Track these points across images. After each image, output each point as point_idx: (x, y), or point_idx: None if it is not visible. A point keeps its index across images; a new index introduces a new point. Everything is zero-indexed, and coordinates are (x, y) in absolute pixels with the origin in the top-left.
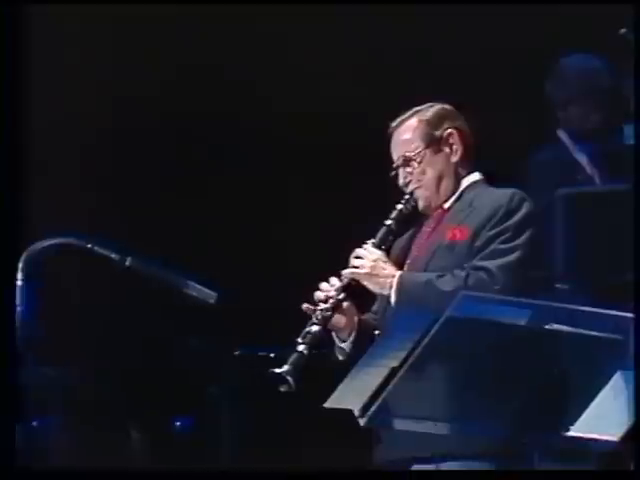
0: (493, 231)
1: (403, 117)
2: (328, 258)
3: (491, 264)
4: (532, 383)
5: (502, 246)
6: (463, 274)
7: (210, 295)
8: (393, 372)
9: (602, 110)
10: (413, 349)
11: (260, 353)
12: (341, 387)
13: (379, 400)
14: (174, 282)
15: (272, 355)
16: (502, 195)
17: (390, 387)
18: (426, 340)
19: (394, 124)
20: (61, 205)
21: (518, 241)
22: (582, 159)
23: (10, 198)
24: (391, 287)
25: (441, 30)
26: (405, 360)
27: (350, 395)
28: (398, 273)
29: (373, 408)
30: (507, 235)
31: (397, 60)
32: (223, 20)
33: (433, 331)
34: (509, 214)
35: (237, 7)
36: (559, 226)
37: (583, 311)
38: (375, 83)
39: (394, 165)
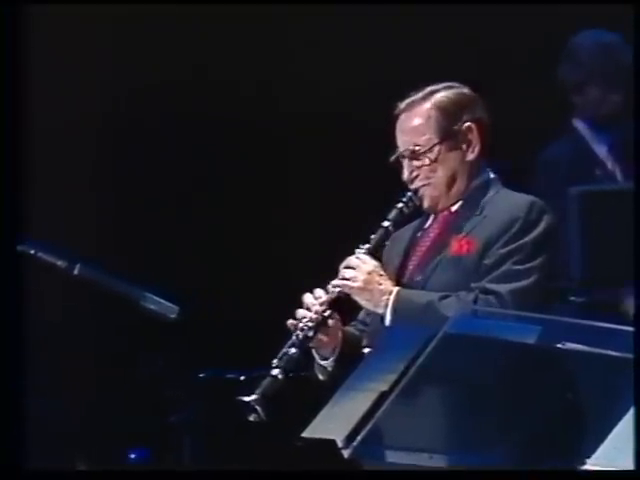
0: (507, 248)
1: (414, 98)
2: (314, 265)
3: (502, 288)
4: (542, 409)
5: (516, 267)
6: (470, 298)
7: (171, 309)
8: (382, 397)
9: (623, 90)
10: (406, 370)
11: (229, 376)
12: (322, 414)
13: (366, 429)
14: (130, 294)
15: (242, 378)
16: (519, 205)
17: (379, 414)
18: (421, 360)
19: (403, 105)
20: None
21: (535, 262)
22: (601, 151)
23: (9, 199)
24: (386, 306)
25: (442, 19)
26: (396, 383)
27: (332, 423)
28: (395, 290)
29: (359, 438)
30: (523, 254)
31: (398, 51)
32: (221, 20)
33: (429, 349)
34: (526, 229)
35: (237, 7)
36: (573, 230)
37: (601, 327)
38: (376, 78)
39: (398, 153)
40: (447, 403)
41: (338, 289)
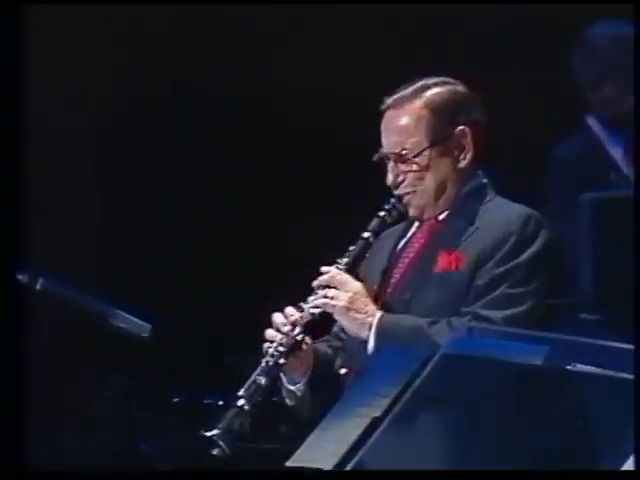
0: (500, 269)
1: (404, 93)
2: (296, 283)
3: (496, 315)
4: (550, 437)
5: (511, 291)
6: (462, 325)
7: (143, 327)
8: (374, 423)
9: None
10: (400, 394)
11: (205, 401)
12: (309, 441)
13: (356, 458)
14: (99, 311)
15: (220, 403)
16: (514, 218)
17: (371, 442)
18: (417, 383)
19: (390, 101)
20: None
21: (532, 285)
22: (617, 153)
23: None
24: (370, 328)
25: (444, 17)
26: (390, 408)
27: (320, 451)
28: (378, 313)
29: (349, 467)
30: (518, 276)
31: (395, 49)
32: (219, 21)
33: (426, 372)
34: (521, 246)
35: (235, 7)
36: (584, 240)
37: (614, 348)
38: (373, 79)
39: (382, 152)
40: (445, 431)
41: (317, 309)
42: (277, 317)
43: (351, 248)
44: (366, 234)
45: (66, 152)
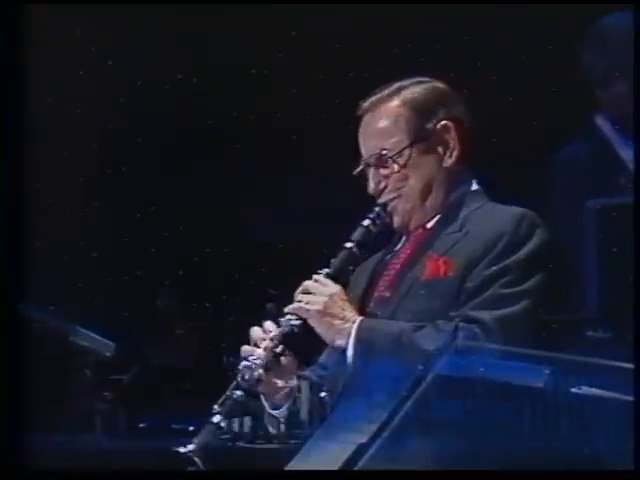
0: (492, 269)
1: (380, 95)
2: (271, 289)
3: (488, 316)
4: (554, 466)
5: (504, 291)
6: (449, 327)
7: (107, 346)
8: (361, 449)
9: None
10: (389, 418)
11: (174, 426)
12: (291, 467)
13: None
14: (61, 328)
15: (191, 429)
16: (506, 218)
17: (357, 469)
18: (407, 406)
19: (367, 104)
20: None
21: (526, 284)
22: (627, 155)
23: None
24: (349, 335)
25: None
26: (378, 433)
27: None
28: (359, 318)
29: None
30: (511, 276)
31: (393, 49)
32: (219, 21)
33: (417, 394)
34: (515, 246)
35: (236, 7)
36: (591, 250)
37: (624, 369)
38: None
39: (362, 161)
40: (439, 457)
41: (293, 319)
42: (255, 332)
43: (333, 260)
44: (349, 244)
45: (66, 152)
